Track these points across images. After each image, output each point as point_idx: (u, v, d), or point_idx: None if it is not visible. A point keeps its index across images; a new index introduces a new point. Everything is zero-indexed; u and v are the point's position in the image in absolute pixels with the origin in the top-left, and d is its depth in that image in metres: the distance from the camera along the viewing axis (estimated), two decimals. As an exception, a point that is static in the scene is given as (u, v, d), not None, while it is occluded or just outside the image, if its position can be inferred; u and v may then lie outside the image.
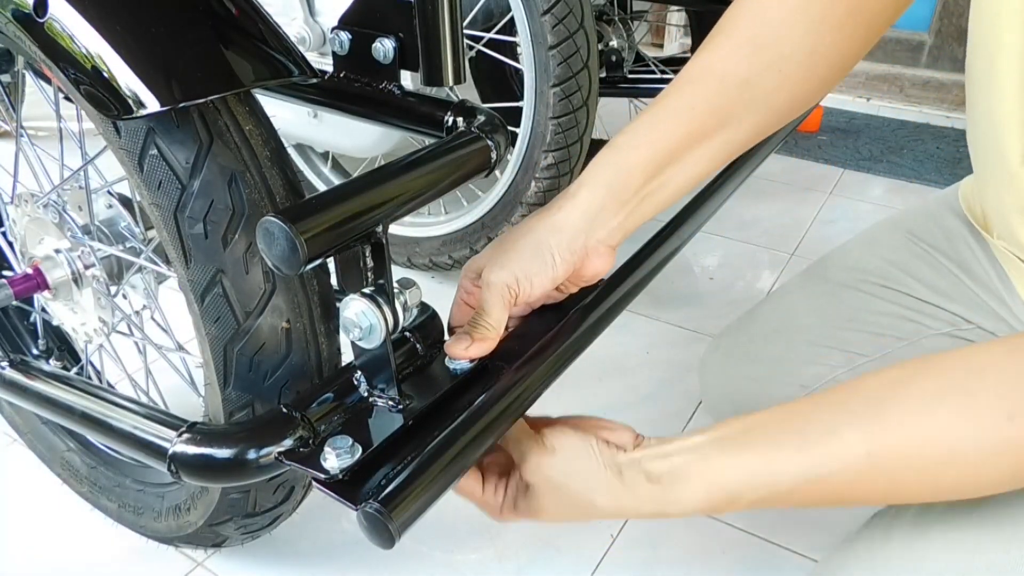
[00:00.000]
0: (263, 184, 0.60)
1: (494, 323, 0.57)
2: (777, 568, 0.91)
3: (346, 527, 0.95)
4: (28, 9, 0.54)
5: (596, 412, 0.58)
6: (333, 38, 0.69)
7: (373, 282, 0.54)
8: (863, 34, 0.61)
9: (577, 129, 1.17)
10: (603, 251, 0.60)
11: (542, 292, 0.59)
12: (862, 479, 0.48)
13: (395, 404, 0.56)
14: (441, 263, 1.40)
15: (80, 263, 0.76)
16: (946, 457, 0.47)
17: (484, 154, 0.62)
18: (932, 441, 0.47)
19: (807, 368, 0.79)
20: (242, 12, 0.58)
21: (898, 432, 0.47)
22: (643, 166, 0.59)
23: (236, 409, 0.64)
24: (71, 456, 0.95)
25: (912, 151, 2.15)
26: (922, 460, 0.47)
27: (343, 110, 0.72)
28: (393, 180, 0.55)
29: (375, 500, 0.47)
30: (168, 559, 0.90)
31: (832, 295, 0.82)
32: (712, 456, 0.52)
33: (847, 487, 0.49)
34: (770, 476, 0.50)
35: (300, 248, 0.46)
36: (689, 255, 1.60)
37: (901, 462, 0.47)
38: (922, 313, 0.76)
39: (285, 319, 0.62)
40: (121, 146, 0.58)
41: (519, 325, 0.64)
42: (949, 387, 0.47)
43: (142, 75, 0.52)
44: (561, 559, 0.91)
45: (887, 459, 0.47)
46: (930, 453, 0.47)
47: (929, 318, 0.75)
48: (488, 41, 1.31)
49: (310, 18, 1.18)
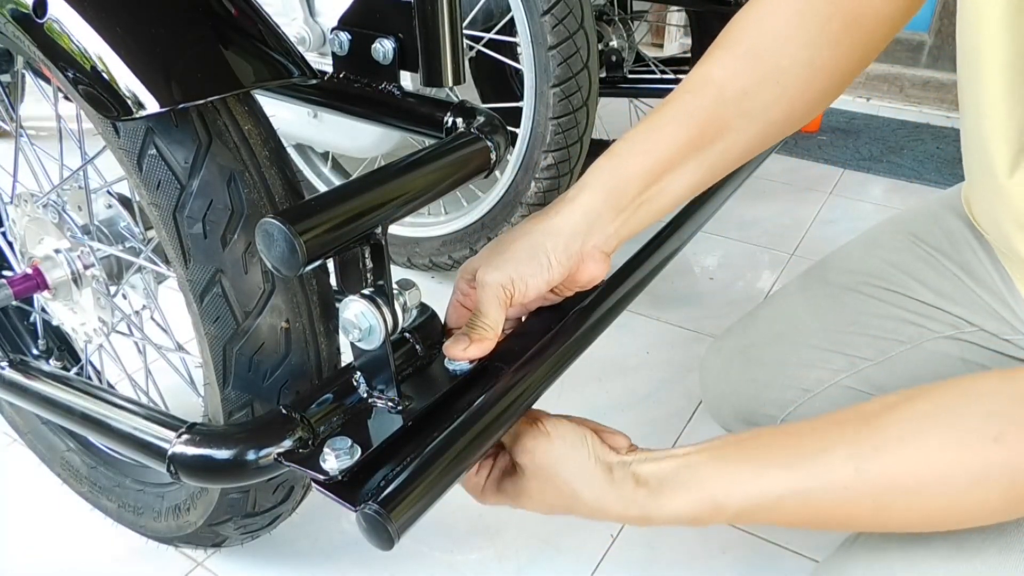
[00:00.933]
0: (262, 184, 0.60)
1: (491, 323, 0.57)
2: (777, 568, 0.91)
3: (346, 527, 0.95)
4: (28, 9, 0.54)
5: (596, 412, 0.58)
6: (333, 38, 0.69)
7: (372, 283, 0.54)
8: (860, 50, 0.61)
9: (577, 129, 1.17)
10: (598, 256, 0.60)
11: (536, 294, 0.59)
12: (849, 499, 0.48)
13: (394, 405, 0.56)
14: (441, 263, 1.40)
15: (80, 263, 0.76)
16: (934, 479, 0.46)
17: (484, 155, 0.62)
18: (920, 462, 0.46)
19: (809, 372, 0.79)
20: (242, 13, 0.58)
21: (886, 451, 0.47)
22: (641, 174, 0.60)
23: (235, 409, 0.64)
24: (71, 456, 0.95)
25: (912, 151, 2.15)
26: (910, 481, 0.46)
27: (343, 111, 0.72)
28: (393, 181, 0.54)
29: (374, 501, 0.47)
30: (168, 559, 0.90)
31: (833, 298, 0.81)
32: (701, 466, 0.52)
33: (834, 507, 0.48)
34: (757, 489, 0.49)
35: (299, 250, 0.46)
36: (689, 255, 1.60)
37: (889, 482, 0.47)
38: (924, 316, 0.75)
39: (284, 319, 0.62)
40: (120, 146, 0.58)
41: (518, 326, 0.64)
42: (940, 410, 0.47)
43: (141, 76, 0.52)
44: (561, 559, 0.91)
45: (875, 478, 0.47)
46: (918, 474, 0.46)
47: (932, 321, 0.75)
48: (488, 41, 1.31)
49: (310, 18, 1.18)
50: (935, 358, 0.75)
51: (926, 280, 0.76)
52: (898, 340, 0.76)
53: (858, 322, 0.78)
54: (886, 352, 0.76)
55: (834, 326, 0.80)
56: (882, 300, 0.78)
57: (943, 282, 0.75)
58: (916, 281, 0.77)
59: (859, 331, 0.78)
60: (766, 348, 0.84)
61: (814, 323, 0.82)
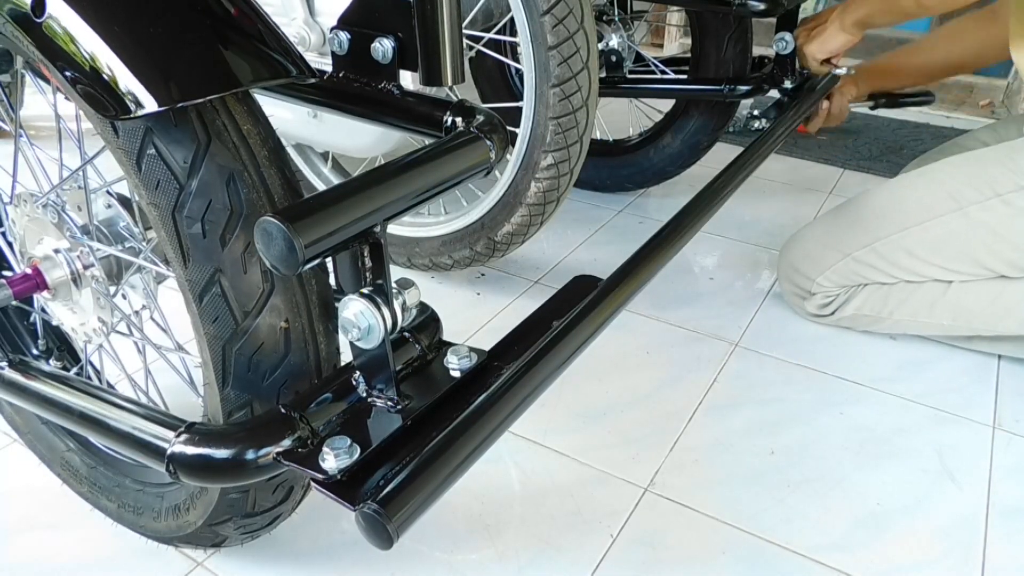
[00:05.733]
0: (261, 184, 0.60)
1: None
2: (777, 568, 0.91)
3: (346, 527, 0.95)
4: (26, 9, 0.54)
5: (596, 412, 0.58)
6: (332, 38, 0.69)
7: (372, 282, 0.54)
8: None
9: (577, 129, 1.17)
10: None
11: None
12: None
13: (394, 404, 0.56)
14: (441, 263, 1.40)
15: (79, 263, 0.76)
16: None
17: (483, 154, 0.62)
18: None
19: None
20: (241, 12, 0.58)
21: None
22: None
23: (235, 409, 0.64)
24: (71, 456, 0.95)
25: (912, 151, 2.15)
26: None
27: (342, 110, 0.72)
28: (392, 180, 0.55)
29: (373, 500, 0.47)
30: (168, 559, 0.90)
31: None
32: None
33: None
34: None
35: (298, 248, 0.46)
36: (689, 255, 1.60)
37: None
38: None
39: (284, 319, 0.62)
40: (119, 146, 0.58)
41: (518, 326, 0.64)
42: None
43: (140, 75, 0.52)
44: (561, 559, 0.91)
45: None
46: None
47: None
48: (488, 41, 1.31)
49: (309, 18, 1.18)
50: None
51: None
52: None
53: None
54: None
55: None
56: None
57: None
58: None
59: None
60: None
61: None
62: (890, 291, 1.27)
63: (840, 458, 1.06)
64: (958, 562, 0.91)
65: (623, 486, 1.01)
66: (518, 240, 1.30)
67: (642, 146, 1.73)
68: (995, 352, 1.27)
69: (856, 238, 1.28)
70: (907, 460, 1.06)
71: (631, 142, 1.75)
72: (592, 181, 1.82)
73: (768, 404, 1.16)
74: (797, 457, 1.06)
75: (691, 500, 0.99)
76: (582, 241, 1.65)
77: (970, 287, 1.21)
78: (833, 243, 1.30)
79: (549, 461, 1.04)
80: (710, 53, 1.54)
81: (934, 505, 0.99)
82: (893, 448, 1.08)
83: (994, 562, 0.91)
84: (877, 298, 1.28)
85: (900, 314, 1.27)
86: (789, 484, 1.02)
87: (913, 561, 0.92)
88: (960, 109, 2.48)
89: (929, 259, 1.21)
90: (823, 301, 1.33)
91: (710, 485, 1.01)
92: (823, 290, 1.32)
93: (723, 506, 0.98)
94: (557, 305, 0.64)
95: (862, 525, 0.96)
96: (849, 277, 1.29)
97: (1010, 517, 0.97)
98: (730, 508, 0.98)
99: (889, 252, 1.24)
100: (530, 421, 1.09)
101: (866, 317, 1.30)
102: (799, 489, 1.01)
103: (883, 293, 1.28)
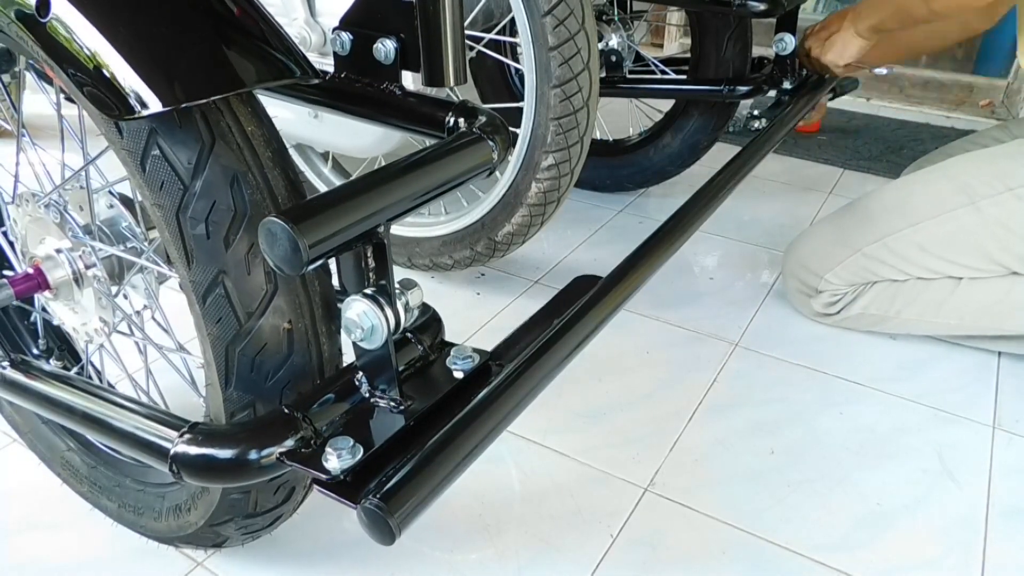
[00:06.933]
0: (265, 185, 0.60)
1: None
2: (777, 568, 0.91)
3: (347, 527, 0.95)
4: (30, 9, 0.54)
5: (596, 412, 0.58)
6: (334, 38, 0.69)
7: (375, 283, 0.54)
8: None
9: (578, 130, 1.17)
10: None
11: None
12: None
13: (396, 405, 0.56)
14: (442, 263, 1.40)
15: (81, 263, 0.76)
16: None
17: (486, 155, 0.62)
18: None
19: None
20: (244, 12, 0.58)
21: None
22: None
23: (237, 410, 0.64)
24: (71, 456, 0.95)
25: (912, 151, 2.15)
26: None
27: (344, 111, 0.72)
28: (394, 181, 0.55)
29: (375, 496, 0.47)
30: (168, 559, 0.91)
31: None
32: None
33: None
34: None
35: (303, 249, 0.46)
36: (689, 255, 1.60)
37: None
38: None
39: (287, 320, 0.62)
40: (123, 146, 0.58)
41: (521, 326, 0.64)
42: None
43: (144, 75, 0.52)
44: (561, 559, 0.91)
45: None
46: None
47: None
48: (489, 42, 1.31)
49: (311, 18, 1.18)
50: None
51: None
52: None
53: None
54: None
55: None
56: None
57: None
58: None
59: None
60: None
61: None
62: (899, 290, 1.26)
63: (840, 458, 1.06)
64: (958, 562, 0.92)
65: (623, 486, 1.01)
66: (518, 240, 1.31)
67: (642, 146, 1.73)
68: (995, 349, 1.27)
69: (867, 233, 1.27)
70: (907, 460, 1.06)
71: (631, 142, 1.75)
72: (592, 181, 1.82)
73: (768, 404, 1.17)
74: (797, 457, 1.06)
75: (691, 500, 0.99)
76: (582, 241, 1.65)
77: (979, 285, 1.21)
78: (843, 239, 1.30)
79: (549, 461, 1.04)
80: (710, 53, 1.54)
81: (934, 505, 0.99)
82: (893, 448, 1.08)
83: (994, 562, 0.92)
84: (885, 297, 1.27)
85: (907, 314, 1.26)
86: (789, 484, 1.02)
87: (913, 561, 0.92)
88: (960, 109, 2.48)
89: (940, 254, 1.21)
90: (830, 299, 1.32)
91: (710, 485, 1.02)
92: (831, 287, 1.31)
93: (723, 506, 0.98)
94: (559, 306, 0.64)
95: (862, 525, 0.96)
96: (859, 274, 1.28)
97: (1010, 517, 0.98)
98: (730, 508, 0.98)
99: (900, 247, 1.23)
100: (530, 421, 1.09)
101: (872, 316, 1.29)
102: (799, 489, 1.01)
103: (892, 292, 1.27)
